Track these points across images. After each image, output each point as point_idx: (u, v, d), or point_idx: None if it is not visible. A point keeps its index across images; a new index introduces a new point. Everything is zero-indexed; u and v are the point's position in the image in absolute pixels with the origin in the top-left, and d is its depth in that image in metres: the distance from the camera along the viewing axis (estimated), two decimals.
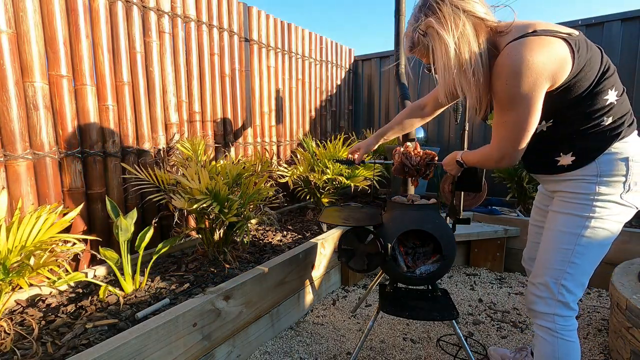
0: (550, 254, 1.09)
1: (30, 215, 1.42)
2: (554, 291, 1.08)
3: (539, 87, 0.92)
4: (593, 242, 1.04)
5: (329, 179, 2.93)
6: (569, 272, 1.06)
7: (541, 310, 1.11)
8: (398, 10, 2.51)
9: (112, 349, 1.08)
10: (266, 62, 3.19)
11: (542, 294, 1.10)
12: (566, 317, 1.09)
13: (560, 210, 1.09)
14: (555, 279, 1.08)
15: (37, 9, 1.71)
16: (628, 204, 1.03)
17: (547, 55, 0.90)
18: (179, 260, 2.05)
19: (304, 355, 1.67)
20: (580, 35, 0.96)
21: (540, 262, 1.12)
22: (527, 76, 0.90)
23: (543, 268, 1.11)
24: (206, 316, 1.41)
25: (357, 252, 1.59)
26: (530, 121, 0.96)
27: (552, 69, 0.92)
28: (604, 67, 0.97)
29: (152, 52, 2.24)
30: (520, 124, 0.97)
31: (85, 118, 1.92)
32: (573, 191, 1.06)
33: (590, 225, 1.03)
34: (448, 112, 3.99)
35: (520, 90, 0.92)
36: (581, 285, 1.08)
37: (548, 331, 1.10)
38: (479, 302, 2.16)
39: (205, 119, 2.65)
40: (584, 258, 1.05)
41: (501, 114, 1.00)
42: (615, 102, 0.99)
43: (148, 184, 1.98)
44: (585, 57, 0.94)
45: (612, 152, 1.01)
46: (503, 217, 2.73)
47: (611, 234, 1.05)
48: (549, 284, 1.08)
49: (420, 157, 1.58)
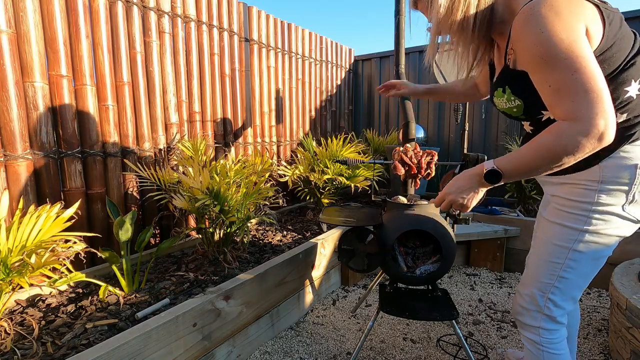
0: (539, 265, 1.01)
1: (30, 215, 1.42)
2: (540, 304, 1.01)
3: (575, 28, 0.76)
4: (586, 256, 0.95)
5: (329, 179, 2.93)
6: (557, 286, 0.98)
7: (526, 322, 1.05)
8: (398, 11, 2.51)
9: (112, 349, 1.08)
10: (266, 62, 3.20)
11: (528, 305, 1.04)
12: (552, 330, 1.03)
13: (554, 219, 0.99)
14: (542, 292, 1.00)
15: (37, 9, 1.71)
16: (630, 216, 0.91)
17: (575, 7, 0.76)
18: (179, 260, 2.05)
19: (304, 355, 1.67)
20: (617, 11, 0.83)
21: (528, 272, 1.05)
22: (558, 20, 0.75)
23: (531, 279, 1.03)
24: (206, 316, 1.41)
25: (357, 252, 1.59)
26: (588, 67, 0.74)
27: (585, 17, 0.77)
28: (633, 53, 0.83)
29: (152, 52, 2.24)
30: (578, 78, 0.74)
31: (85, 118, 1.92)
32: (569, 198, 0.95)
33: (584, 240, 0.93)
34: (448, 112, 3.99)
35: (556, 38, 0.75)
36: (571, 299, 1.01)
37: (533, 344, 1.05)
38: (479, 302, 2.16)
39: (205, 119, 2.65)
40: (575, 272, 0.97)
41: (548, 79, 0.79)
42: (635, 97, 0.86)
43: (148, 183, 1.98)
44: (615, 34, 0.81)
45: (620, 155, 0.87)
46: (503, 217, 2.73)
47: (607, 248, 0.94)
48: (536, 296, 1.01)
49: (420, 156, 1.58)
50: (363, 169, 2.96)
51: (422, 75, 4.10)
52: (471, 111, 3.79)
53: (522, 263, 2.61)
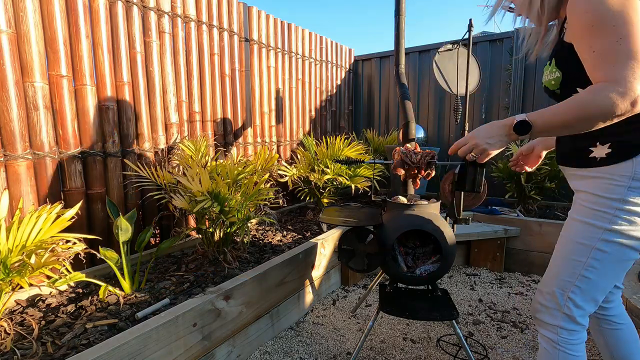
0: (561, 263, 0.98)
1: (30, 215, 1.42)
2: (559, 302, 0.98)
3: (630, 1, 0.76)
4: (611, 257, 0.90)
5: (329, 179, 2.93)
6: (578, 285, 0.94)
7: (545, 320, 1.02)
8: (398, 11, 2.51)
9: (112, 349, 1.08)
10: (266, 62, 3.20)
11: (547, 303, 1.01)
12: (571, 331, 0.98)
13: (577, 216, 0.95)
14: (562, 290, 0.97)
15: (37, 9, 1.71)
16: None
17: None
18: (179, 260, 2.05)
19: (304, 355, 1.67)
20: None
21: (550, 269, 1.02)
22: None
23: (552, 276, 1.00)
24: (206, 316, 1.41)
25: (357, 252, 1.59)
26: (635, 34, 0.75)
27: None
28: None
29: (152, 52, 2.24)
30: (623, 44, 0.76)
31: (85, 118, 1.92)
32: (595, 193, 0.90)
33: (609, 239, 0.89)
34: (448, 112, 3.99)
35: (606, 4, 0.77)
36: (593, 301, 0.96)
37: (550, 342, 1.01)
38: (479, 302, 2.16)
39: (205, 119, 2.65)
40: (597, 273, 0.92)
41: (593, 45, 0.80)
42: None
43: (148, 182, 1.98)
44: None
45: None
46: (503, 217, 2.73)
47: (634, 251, 0.89)
48: (556, 294, 0.98)
49: (420, 155, 1.58)
50: (364, 168, 2.97)
51: (422, 75, 4.10)
52: (471, 111, 3.79)
53: (522, 263, 2.62)
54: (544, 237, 2.51)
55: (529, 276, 2.54)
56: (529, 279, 2.50)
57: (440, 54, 2.66)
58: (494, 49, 3.66)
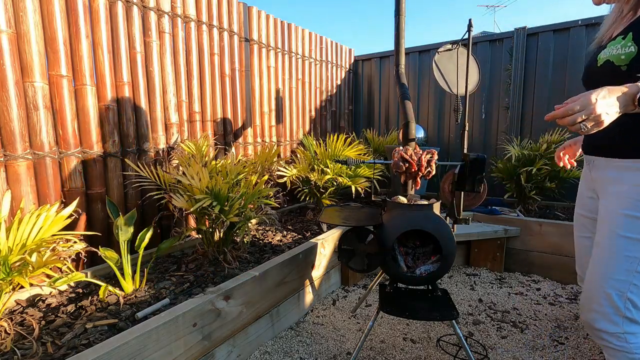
0: (611, 262, 0.90)
1: (30, 214, 1.42)
2: (618, 305, 0.88)
3: None
4: None
5: (329, 179, 2.93)
6: (635, 283, 0.87)
7: (606, 329, 0.91)
8: (398, 10, 2.51)
9: (112, 349, 1.08)
10: (266, 62, 3.20)
11: (603, 308, 0.90)
12: (639, 334, 0.89)
13: (622, 210, 0.88)
14: (619, 291, 0.88)
15: (37, 9, 1.71)
16: None
17: None
18: (179, 260, 2.05)
19: (304, 355, 1.67)
20: None
21: (597, 273, 0.93)
22: None
23: (602, 277, 0.91)
24: (206, 316, 1.41)
25: (357, 252, 1.59)
26: None
27: None
28: None
29: (152, 52, 2.24)
30: None
31: (85, 118, 1.92)
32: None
33: None
34: (448, 112, 3.99)
35: None
36: None
37: (624, 354, 0.89)
38: (479, 302, 2.16)
39: (205, 119, 2.65)
40: None
41: None
42: None
43: (148, 182, 1.98)
44: None
45: None
46: (503, 217, 2.73)
47: None
48: (612, 296, 0.89)
49: (420, 154, 1.58)
50: (364, 168, 2.96)
51: (422, 75, 4.10)
52: (471, 111, 3.79)
53: (522, 263, 2.62)
54: (544, 237, 2.51)
55: (529, 276, 2.54)
56: (529, 279, 2.50)
57: (439, 54, 2.66)
58: (494, 49, 3.66)
